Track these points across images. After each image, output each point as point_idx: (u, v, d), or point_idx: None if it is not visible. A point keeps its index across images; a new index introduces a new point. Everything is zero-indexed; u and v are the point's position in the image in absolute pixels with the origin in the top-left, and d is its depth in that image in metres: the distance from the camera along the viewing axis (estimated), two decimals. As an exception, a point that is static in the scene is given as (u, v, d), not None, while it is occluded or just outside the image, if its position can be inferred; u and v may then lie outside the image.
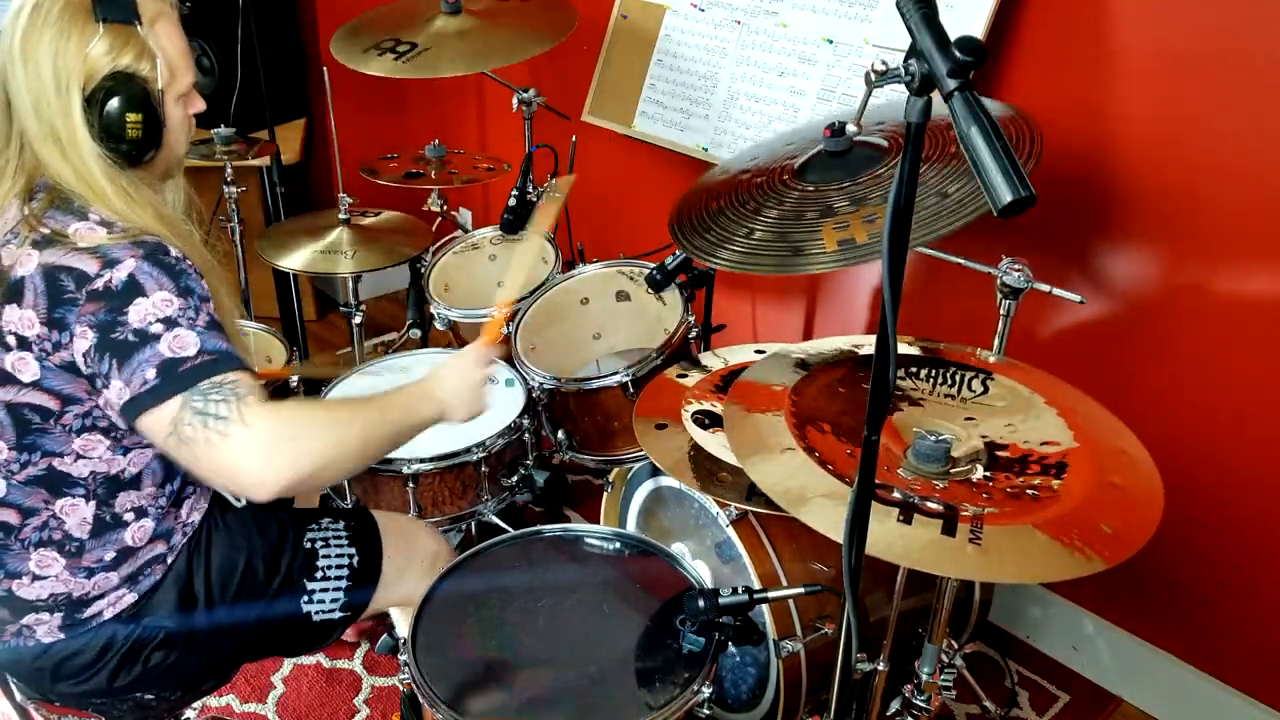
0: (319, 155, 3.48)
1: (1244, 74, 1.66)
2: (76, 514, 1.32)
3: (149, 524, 1.37)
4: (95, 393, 1.23)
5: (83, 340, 1.20)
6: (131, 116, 1.25)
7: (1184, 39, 1.72)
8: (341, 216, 2.59)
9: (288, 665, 2.17)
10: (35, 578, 1.33)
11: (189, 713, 1.63)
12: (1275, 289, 1.72)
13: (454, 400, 1.43)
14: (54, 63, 1.22)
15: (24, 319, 1.21)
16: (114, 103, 1.24)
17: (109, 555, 1.35)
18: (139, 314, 1.19)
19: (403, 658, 1.41)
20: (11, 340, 1.22)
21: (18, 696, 1.45)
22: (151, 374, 1.18)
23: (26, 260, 1.22)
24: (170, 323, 1.20)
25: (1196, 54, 1.71)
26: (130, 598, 1.38)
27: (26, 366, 1.23)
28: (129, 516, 1.35)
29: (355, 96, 3.15)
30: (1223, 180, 1.73)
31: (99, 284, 1.19)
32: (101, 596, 1.37)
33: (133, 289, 1.19)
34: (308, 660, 2.18)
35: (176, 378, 1.18)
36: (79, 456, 1.29)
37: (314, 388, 1.94)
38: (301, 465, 1.21)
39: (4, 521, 1.32)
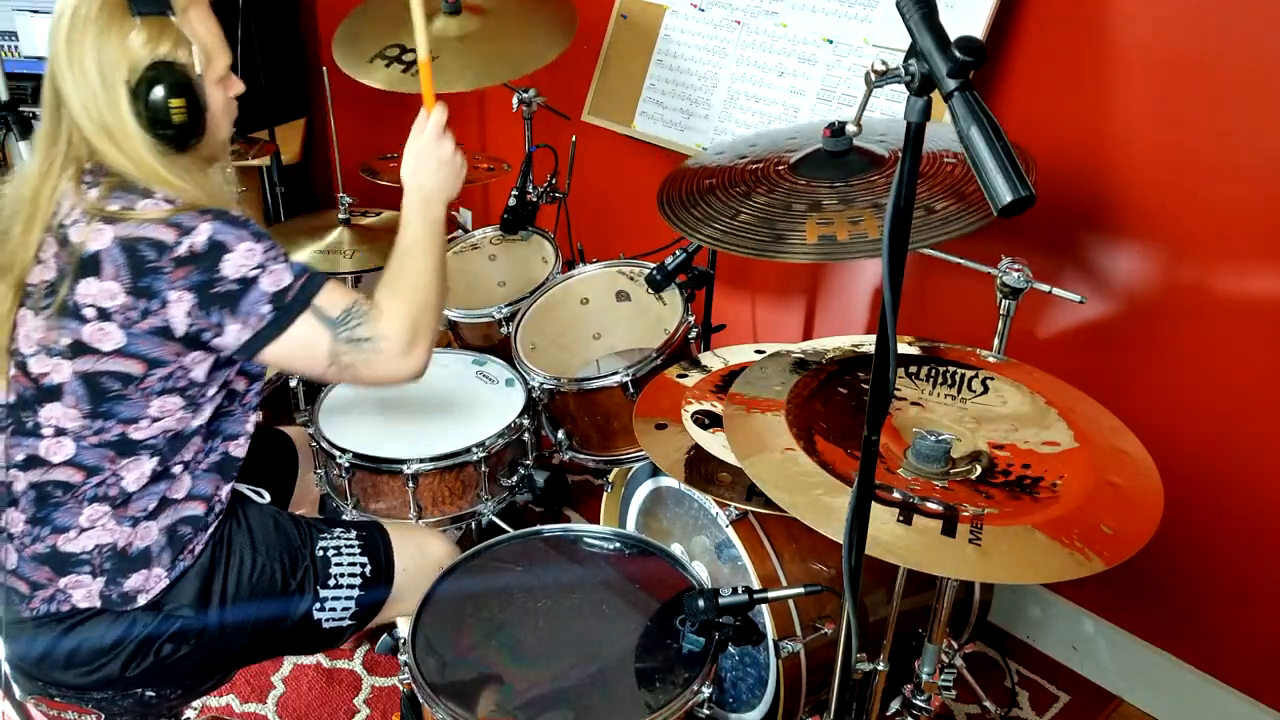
0: (319, 155, 3.48)
1: (1243, 74, 1.66)
2: (136, 469, 1.38)
3: (188, 480, 1.44)
4: (186, 352, 1.33)
5: (179, 305, 1.29)
6: (175, 102, 1.31)
7: (1184, 39, 1.72)
8: (341, 216, 2.59)
9: (288, 665, 2.17)
10: (81, 530, 1.38)
11: (189, 712, 1.63)
12: (1274, 289, 1.72)
13: (435, 182, 1.56)
14: (98, 60, 1.29)
15: (104, 290, 1.28)
16: (157, 91, 1.30)
17: (152, 504, 1.40)
18: (233, 267, 1.29)
19: (403, 658, 1.41)
20: (90, 312, 1.29)
21: (17, 694, 1.45)
22: (266, 309, 1.32)
23: (98, 236, 1.28)
24: (262, 266, 1.32)
25: (1196, 54, 1.71)
26: (164, 582, 1.41)
27: (107, 336, 1.30)
28: (177, 469, 1.42)
29: (355, 97, 3.14)
30: (1222, 180, 1.73)
31: (181, 250, 1.28)
32: (145, 563, 1.39)
33: (218, 248, 1.29)
34: (308, 660, 2.18)
35: (288, 306, 1.33)
36: (154, 420, 1.36)
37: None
38: (431, 336, 1.45)
39: (65, 481, 1.37)
